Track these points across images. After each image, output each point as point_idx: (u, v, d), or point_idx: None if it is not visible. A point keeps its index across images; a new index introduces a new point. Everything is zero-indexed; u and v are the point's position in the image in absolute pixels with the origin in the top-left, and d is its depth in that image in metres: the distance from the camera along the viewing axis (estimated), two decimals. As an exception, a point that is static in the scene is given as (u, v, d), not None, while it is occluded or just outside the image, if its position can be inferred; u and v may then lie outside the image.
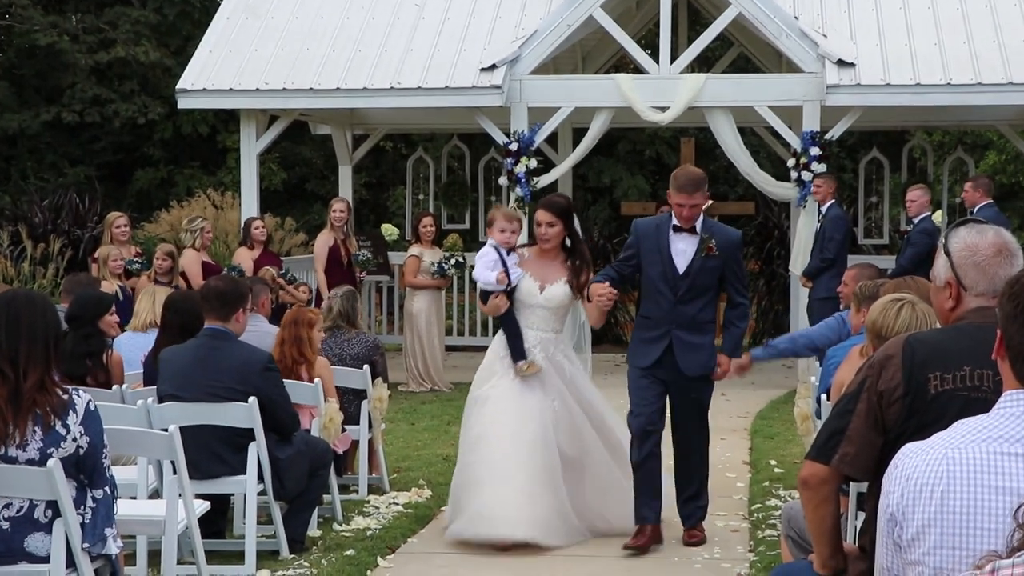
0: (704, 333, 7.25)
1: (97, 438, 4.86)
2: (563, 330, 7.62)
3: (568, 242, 7.48)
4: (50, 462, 4.70)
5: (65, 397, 4.82)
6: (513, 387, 7.40)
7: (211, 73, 13.86)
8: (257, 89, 13.63)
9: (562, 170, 14.14)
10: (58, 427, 4.79)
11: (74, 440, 4.81)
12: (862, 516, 4.35)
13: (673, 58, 13.38)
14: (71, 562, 4.83)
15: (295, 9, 14.66)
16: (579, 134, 14.34)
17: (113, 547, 4.97)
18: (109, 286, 10.53)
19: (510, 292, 7.40)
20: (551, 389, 7.44)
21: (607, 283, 7.16)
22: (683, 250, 7.15)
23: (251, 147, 14.13)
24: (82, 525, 4.86)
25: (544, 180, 13.47)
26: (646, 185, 24.08)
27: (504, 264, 7.38)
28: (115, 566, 5.06)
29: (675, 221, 7.17)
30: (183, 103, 14.14)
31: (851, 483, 4.93)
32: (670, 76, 13.23)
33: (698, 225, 7.16)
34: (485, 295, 7.50)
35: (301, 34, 14.27)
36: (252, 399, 6.57)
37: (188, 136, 24.06)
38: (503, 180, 13.45)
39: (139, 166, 24.83)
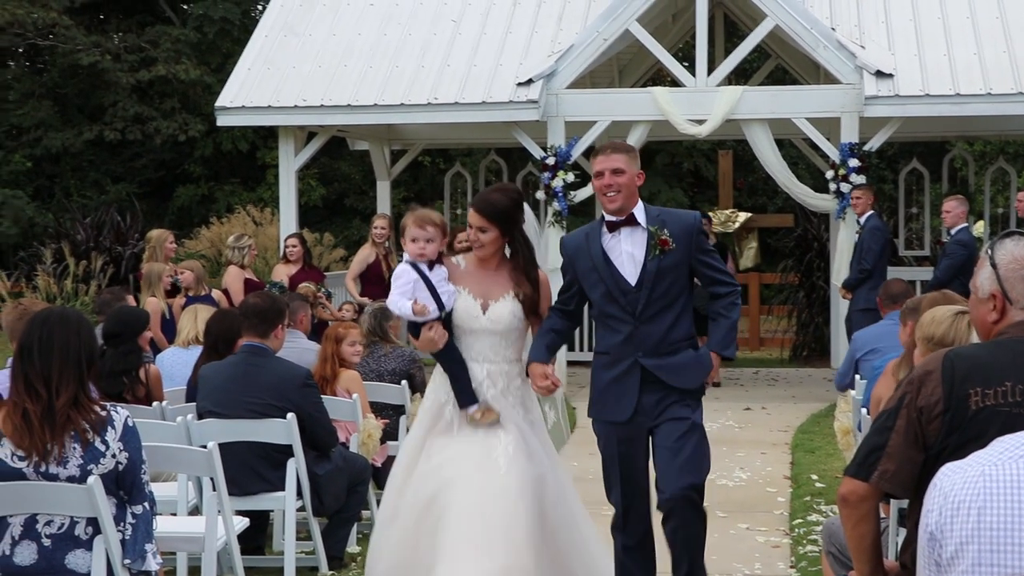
0: (679, 356, 5.59)
1: (136, 454, 4.88)
2: (519, 360, 5.79)
3: (508, 251, 5.80)
4: (90, 479, 4.72)
5: (103, 414, 4.84)
6: (469, 445, 5.64)
7: (250, 90, 13.95)
8: (295, 106, 13.70)
9: (599, 184, 14.11)
10: (97, 443, 4.81)
11: (113, 456, 4.83)
12: (903, 532, 4.30)
13: (710, 71, 13.35)
14: (112, 579, 4.85)
15: (333, 26, 14.74)
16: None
17: (153, 564, 4.97)
18: (156, 303, 10.58)
19: (446, 317, 5.72)
20: (510, 428, 5.69)
21: (549, 361, 5.63)
22: (629, 253, 5.55)
23: (289, 163, 14.21)
24: (122, 542, 4.86)
25: (581, 194, 13.45)
26: (684, 198, 24.06)
27: (427, 283, 5.70)
28: (155, 583, 5.07)
29: (608, 218, 5.59)
30: (222, 120, 14.23)
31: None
32: (707, 89, 13.19)
33: (640, 215, 5.56)
34: (415, 327, 5.73)
35: (339, 51, 14.34)
36: (291, 415, 6.58)
37: (228, 153, 24.25)
38: (540, 194, 13.45)
39: (180, 183, 25.03)
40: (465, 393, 5.69)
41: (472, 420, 5.67)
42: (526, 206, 5.78)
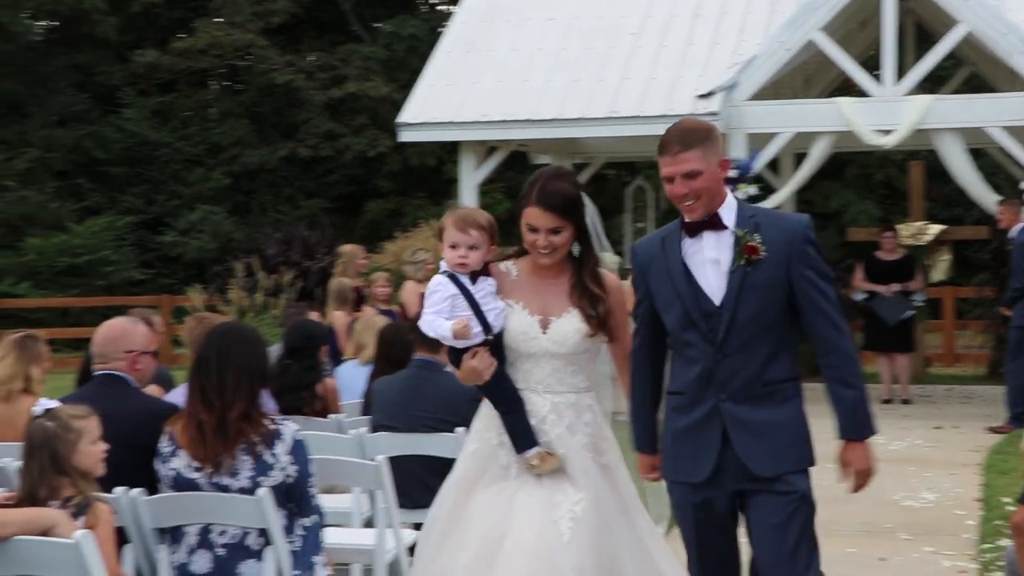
0: (776, 402, 4.29)
1: (304, 467, 4.97)
2: (590, 388, 4.71)
3: (576, 250, 4.69)
4: (260, 491, 4.82)
5: (273, 428, 4.96)
6: (524, 496, 4.55)
7: (431, 106, 14.18)
8: (475, 121, 13.86)
9: (783, 196, 13.90)
10: (266, 456, 4.92)
11: (282, 469, 4.93)
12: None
13: (899, 79, 13.00)
14: (282, 588, 4.95)
15: (513, 41, 14.86)
16: (802, 159, 14.06)
17: (321, 574, 5.06)
18: (342, 317, 10.80)
19: (493, 341, 4.65)
20: (579, 480, 4.55)
21: (657, 447, 4.54)
22: (714, 262, 4.32)
23: (470, 178, 14.39)
24: (292, 553, 4.96)
25: (765, 207, 13.23)
26: (876, 210, 23.47)
27: (469, 299, 4.63)
28: (324, 594, 5.16)
29: (686, 217, 4.38)
30: (404, 136, 14.48)
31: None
32: (894, 98, 12.85)
33: (728, 215, 4.32)
34: (456, 355, 4.69)
35: (519, 65, 14.45)
36: (459, 429, 6.63)
37: (416, 168, 24.68)
38: (722, 207, 13.27)
39: (369, 198, 25.58)
40: (522, 434, 4.59)
41: (529, 467, 4.56)
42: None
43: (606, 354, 4.81)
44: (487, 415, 4.73)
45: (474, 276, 4.64)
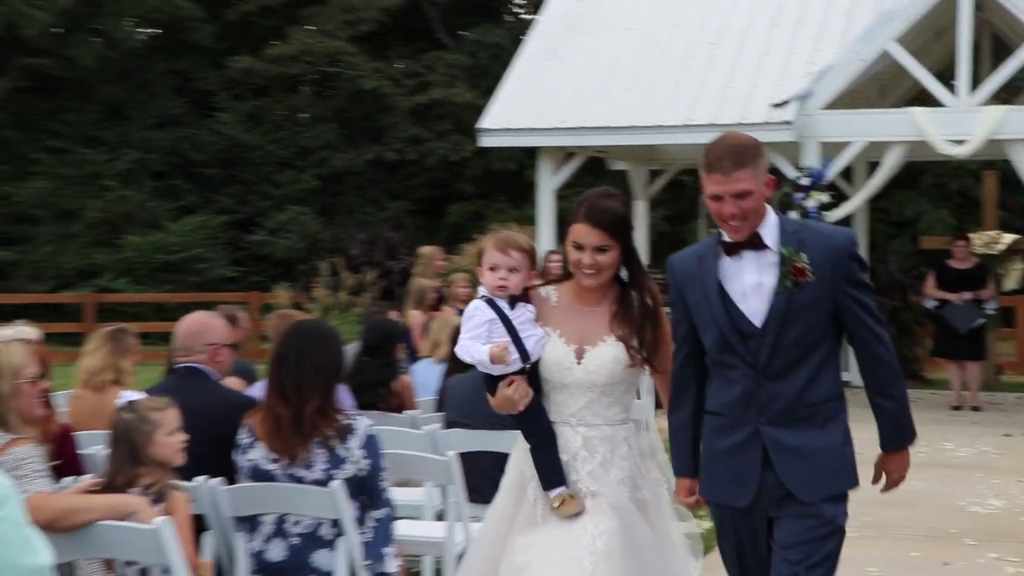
0: (819, 423, 4.04)
1: (376, 461, 4.99)
2: (627, 420, 4.38)
3: (625, 274, 4.36)
4: (333, 483, 4.86)
5: (346, 422, 4.99)
6: (551, 536, 4.24)
7: (511, 112, 14.20)
8: (554, 127, 13.86)
9: (855, 204, 13.74)
10: (340, 450, 4.96)
11: (355, 463, 4.97)
12: None
13: (973, 90, 12.79)
14: (353, 577, 4.99)
15: (592, 50, 14.85)
16: (876, 167, 13.90)
17: (391, 565, 5.08)
18: (418, 316, 10.86)
19: (530, 369, 4.32)
20: (604, 512, 4.23)
21: (698, 472, 4.24)
22: (754, 284, 4.02)
23: (548, 182, 14.40)
24: (364, 543, 5.00)
25: (836, 214, 13.10)
26: (951, 219, 23.09)
27: (507, 325, 4.30)
28: (393, 584, 5.19)
29: (724, 237, 4.10)
30: (484, 141, 14.53)
31: None
32: (968, 108, 12.64)
33: (769, 234, 4.05)
34: (491, 381, 4.36)
35: (597, 73, 14.43)
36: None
37: (497, 172, 24.73)
38: (793, 215, 13.17)
39: (452, 201, 25.67)
40: (550, 471, 4.28)
41: (551, 508, 4.25)
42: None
43: None
44: (523, 446, 4.42)
45: (513, 301, 4.34)
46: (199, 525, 4.91)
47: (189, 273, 23.37)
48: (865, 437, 4.31)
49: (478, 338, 4.29)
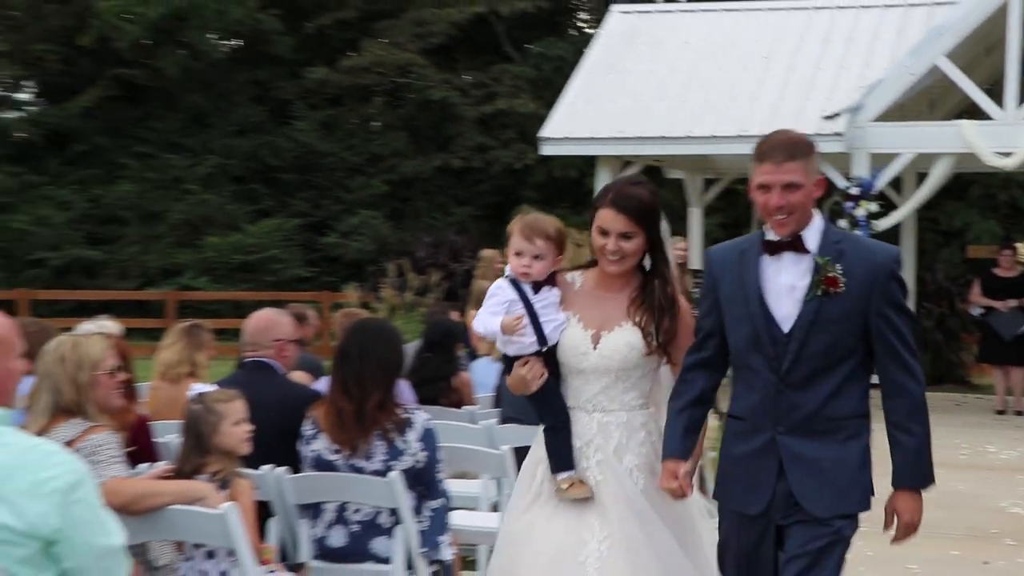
0: (840, 438, 3.78)
1: (433, 454, 5.02)
2: (646, 405, 4.17)
3: (648, 263, 4.19)
4: (391, 474, 4.90)
5: (405, 416, 5.02)
6: (551, 522, 4.09)
7: (571, 122, 14.20)
8: (612, 137, 13.84)
9: (902, 214, 13.59)
10: (398, 443, 4.99)
11: (412, 455, 5.00)
12: None
13: (1021, 103, 12.59)
14: (410, 565, 4.98)
15: (650, 63, 14.81)
16: (924, 178, 13.74)
17: (447, 553, 5.11)
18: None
19: (547, 353, 4.17)
20: (608, 512, 4.05)
21: (688, 456, 3.98)
22: (788, 287, 3.81)
23: (607, 190, 14.37)
24: (420, 532, 5.03)
25: (885, 223, 12.96)
26: (999, 229, 22.73)
27: (528, 308, 4.15)
28: (449, 571, 5.21)
29: (767, 235, 3.89)
30: (545, 149, 14.54)
31: None
32: (1015, 121, 12.45)
33: (812, 238, 3.83)
34: (508, 362, 4.23)
35: (654, 86, 14.39)
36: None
37: (559, 179, 24.70)
38: (842, 223, 13.04)
39: (515, 206, 25.67)
40: (561, 455, 4.11)
41: (558, 491, 4.08)
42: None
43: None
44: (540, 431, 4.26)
45: (537, 285, 4.18)
46: (265, 512, 4.96)
47: (265, 273, 23.58)
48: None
49: (496, 315, 4.15)
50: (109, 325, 5.95)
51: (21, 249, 23.63)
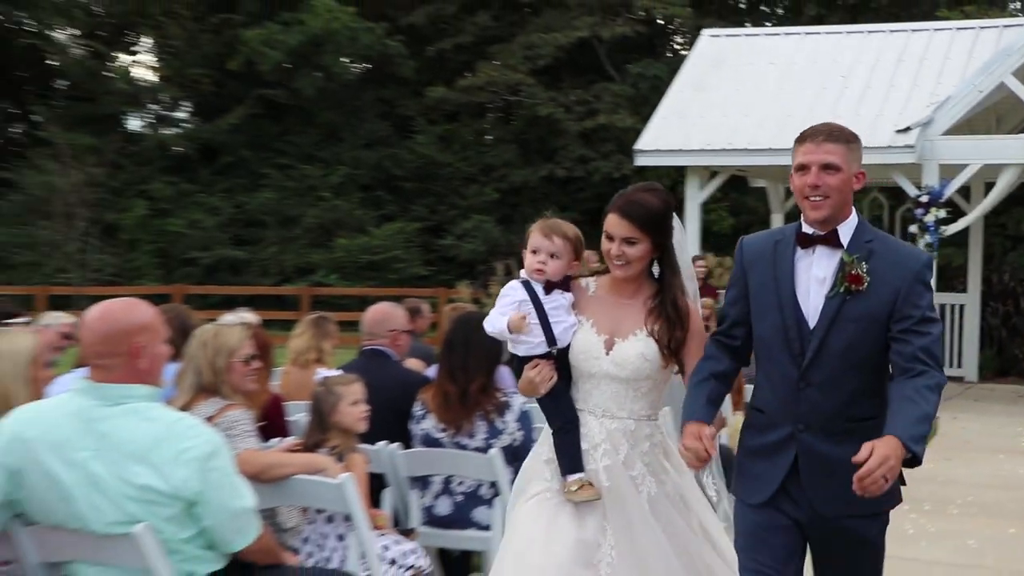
0: (860, 441, 3.18)
1: (528, 433, 5.09)
2: (654, 416, 3.81)
3: (657, 271, 3.84)
4: (491, 451, 4.99)
5: (504, 399, 5.10)
6: (558, 517, 3.70)
7: (663, 136, 14.14)
8: (701, 149, 13.75)
9: (970, 220, 13.27)
10: (497, 423, 5.07)
11: (510, 434, 5.07)
12: None
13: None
14: (507, 532, 5.08)
15: (736, 82, 14.69)
16: (991, 187, 13.40)
17: (540, 523, 5.17)
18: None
19: (560, 356, 3.79)
20: (614, 520, 3.69)
21: (712, 420, 3.50)
22: (818, 281, 3.45)
23: (695, 197, 14.29)
24: (517, 503, 5.11)
25: (952, 228, 12.68)
26: (1063, 235, 22.04)
27: (538, 308, 3.79)
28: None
29: (803, 227, 3.51)
30: (639, 160, 14.50)
31: None
32: (1078, 134, 12.09)
33: (846, 233, 3.45)
34: (519, 363, 3.85)
35: (740, 102, 14.26)
36: (665, 410, 6.62)
37: (653, 188, 24.60)
38: (913, 228, 12.78)
39: (613, 212, 25.65)
40: (570, 457, 3.73)
41: (567, 492, 3.69)
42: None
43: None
44: (547, 431, 3.88)
45: (549, 287, 3.82)
46: (379, 483, 5.08)
47: (388, 271, 23.88)
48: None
49: (505, 314, 3.80)
50: (248, 316, 6.10)
51: (177, 249, 24.32)
